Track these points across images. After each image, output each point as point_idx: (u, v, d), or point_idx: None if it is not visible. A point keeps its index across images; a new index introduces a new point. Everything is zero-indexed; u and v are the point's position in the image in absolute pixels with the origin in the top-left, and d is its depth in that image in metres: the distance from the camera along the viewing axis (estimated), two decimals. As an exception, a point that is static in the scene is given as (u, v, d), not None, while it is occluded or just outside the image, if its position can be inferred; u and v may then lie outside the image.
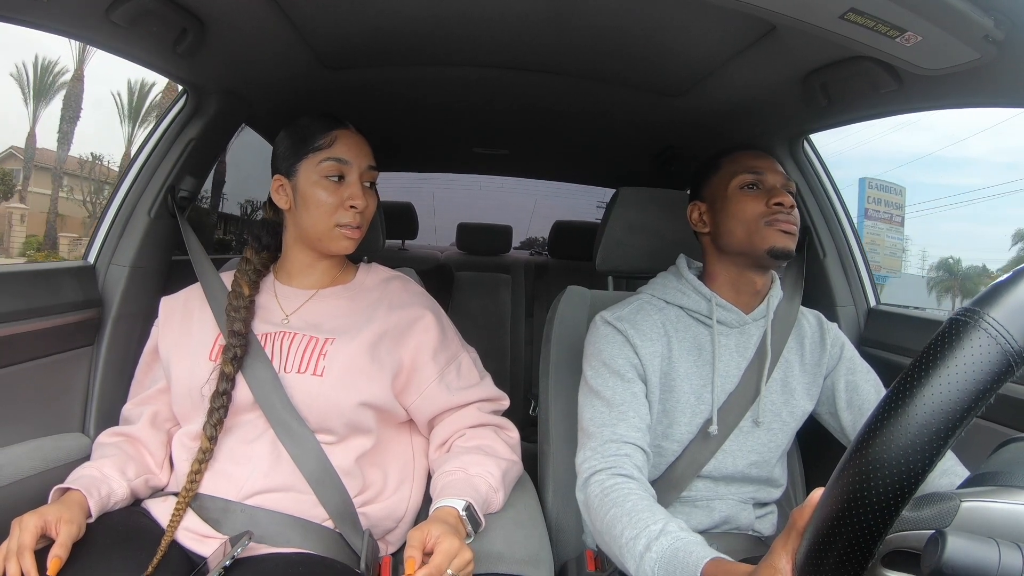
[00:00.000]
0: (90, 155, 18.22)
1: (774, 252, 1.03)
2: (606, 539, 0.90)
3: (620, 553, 0.86)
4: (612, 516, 0.89)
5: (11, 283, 1.12)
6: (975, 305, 0.42)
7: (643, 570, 0.81)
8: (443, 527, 0.85)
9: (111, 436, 1.06)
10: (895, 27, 0.82)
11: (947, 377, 0.41)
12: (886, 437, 0.42)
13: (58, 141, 18.91)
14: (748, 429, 1.08)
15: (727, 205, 1.08)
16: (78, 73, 19.08)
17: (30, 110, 19.31)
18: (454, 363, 1.10)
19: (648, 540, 0.81)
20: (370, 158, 1.09)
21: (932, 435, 0.41)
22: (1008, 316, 0.41)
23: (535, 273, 2.88)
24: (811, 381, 1.13)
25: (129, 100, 16.92)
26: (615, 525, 0.88)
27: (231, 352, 0.97)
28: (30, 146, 19.35)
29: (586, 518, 0.98)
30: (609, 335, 1.08)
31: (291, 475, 0.96)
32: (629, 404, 1.02)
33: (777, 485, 1.13)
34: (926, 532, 0.45)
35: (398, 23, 1.22)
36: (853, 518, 0.43)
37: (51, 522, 0.84)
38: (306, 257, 1.10)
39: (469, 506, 0.92)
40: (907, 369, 0.43)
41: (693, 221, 1.15)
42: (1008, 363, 0.41)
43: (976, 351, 0.41)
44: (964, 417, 0.40)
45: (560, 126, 1.95)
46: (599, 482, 0.95)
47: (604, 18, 1.14)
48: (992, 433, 1.09)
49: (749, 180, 1.07)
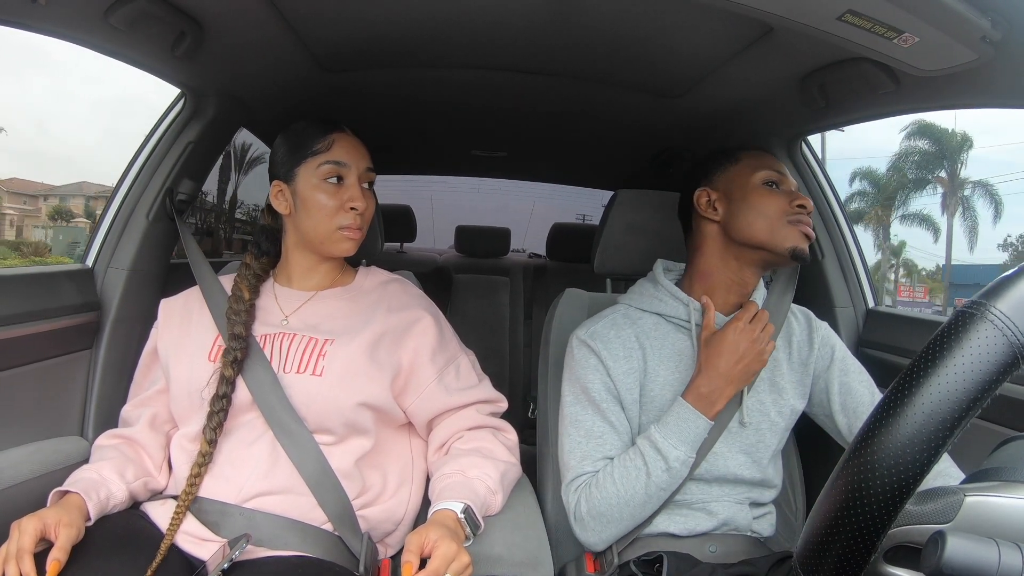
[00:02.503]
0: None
1: (795, 252, 1.03)
2: (623, 503, 1.00)
3: (646, 489, 0.99)
4: (609, 490, 1.00)
5: (9, 286, 1.12)
6: (982, 298, 0.43)
7: (672, 462, 0.98)
8: (441, 530, 0.85)
9: (110, 438, 1.06)
10: (892, 28, 0.83)
11: (954, 368, 0.41)
12: (892, 427, 0.42)
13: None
14: (735, 430, 1.07)
15: (748, 196, 1.06)
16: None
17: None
18: (452, 365, 1.10)
19: (652, 450, 0.99)
20: (367, 159, 1.09)
21: (937, 425, 0.41)
22: (1015, 309, 0.41)
23: (533, 275, 2.88)
24: (799, 380, 1.12)
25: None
26: (618, 484, 1.00)
27: (231, 355, 0.97)
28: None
29: (589, 525, 1.03)
30: (583, 358, 1.10)
31: (290, 477, 0.96)
32: (606, 435, 1.06)
33: (771, 486, 1.12)
34: (930, 527, 0.45)
35: (396, 26, 1.22)
36: (856, 511, 0.43)
37: (50, 525, 0.83)
38: (306, 261, 1.10)
39: (467, 508, 0.92)
40: (914, 360, 0.43)
41: (701, 207, 1.11)
42: (1015, 355, 0.41)
43: (983, 343, 0.41)
44: (970, 408, 0.41)
45: (558, 128, 1.95)
46: (585, 497, 1.03)
47: (601, 20, 1.14)
48: (992, 433, 1.09)
49: (774, 178, 1.07)
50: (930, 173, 24.49)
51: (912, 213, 24.81)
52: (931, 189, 24.54)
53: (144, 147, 1.40)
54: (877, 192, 25.23)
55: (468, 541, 0.91)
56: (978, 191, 23.85)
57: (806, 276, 1.29)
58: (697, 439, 1.00)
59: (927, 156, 24.36)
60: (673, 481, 1.00)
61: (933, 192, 24.63)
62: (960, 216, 24.21)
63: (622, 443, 1.06)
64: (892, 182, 25.02)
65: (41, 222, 23.24)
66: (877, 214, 25.72)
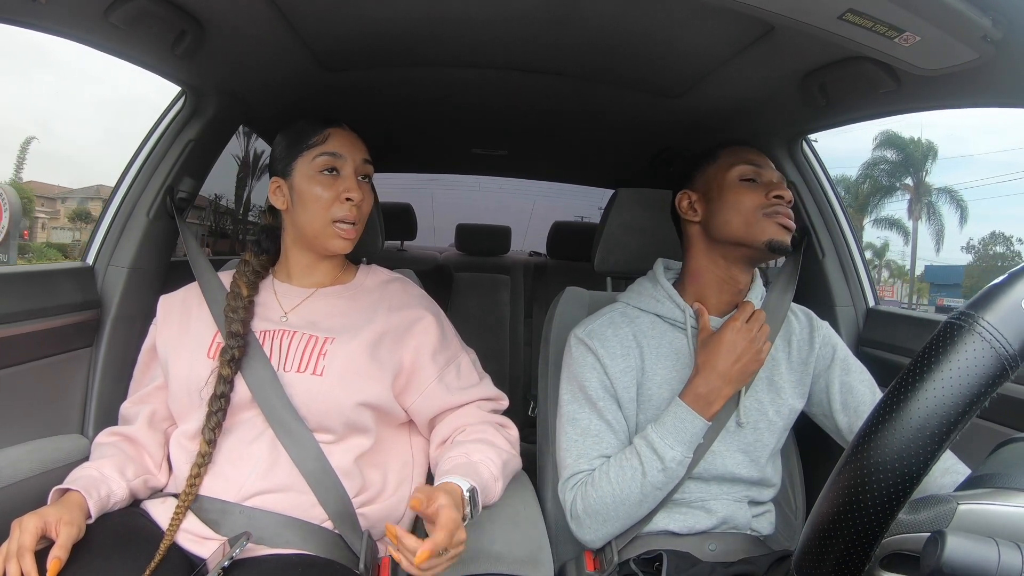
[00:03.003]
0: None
1: (772, 245, 1.02)
2: (618, 502, 1.00)
3: (641, 488, 0.99)
4: (604, 488, 1.01)
5: (10, 284, 1.12)
6: (970, 308, 0.43)
7: (668, 463, 0.98)
8: (448, 498, 0.82)
9: (109, 436, 1.06)
10: (893, 27, 0.83)
11: (942, 381, 0.41)
12: (882, 441, 0.42)
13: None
14: (733, 429, 1.07)
15: (724, 194, 1.07)
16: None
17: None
18: (454, 363, 1.10)
19: (648, 450, 0.99)
20: (364, 152, 1.09)
21: (927, 439, 0.41)
22: (1002, 319, 0.41)
23: (534, 274, 2.88)
24: (799, 379, 1.12)
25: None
26: (614, 483, 1.00)
27: (228, 354, 0.97)
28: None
29: (585, 523, 1.04)
30: (580, 356, 1.10)
31: (290, 475, 0.96)
32: (603, 433, 1.06)
33: (770, 485, 1.12)
34: (924, 535, 0.45)
35: (396, 24, 1.22)
36: (850, 521, 0.43)
37: (51, 523, 0.83)
38: (305, 258, 1.10)
39: (473, 489, 0.90)
40: (902, 373, 0.44)
41: (682, 210, 1.13)
42: (1003, 367, 0.41)
43: (971, 355, 0.41)
44: (959, 420, 0.41)
45: (559, 127, 1.95)
46: (581, 495, 1.04)
47: (602, 19, 1.14)
48: (992, 433, 1.09)
49: (749, 173, 1.07)
50: (898, 180, 25.06)
51: (883, 217, 25.40)
52: (900, 195, 25.08)
53: (144, 145, 1.40)
54: (852, 198, 25.59)
55: (465, 522, 0.90)
56: (943, 197, 24.34)
57: (806, 275, 1.29)
58: (694, 439, 1.00)
59: (894, 165, 24.94)
60: (669, 481, 1.00)
61: (901, 198, 25.20)
62: (925, 221, 24.75)
63: (619, 442, 1.06)
64: (864, 189, 25.36)
65: (60, 224, 23.41)
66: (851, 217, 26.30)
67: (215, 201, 3.28)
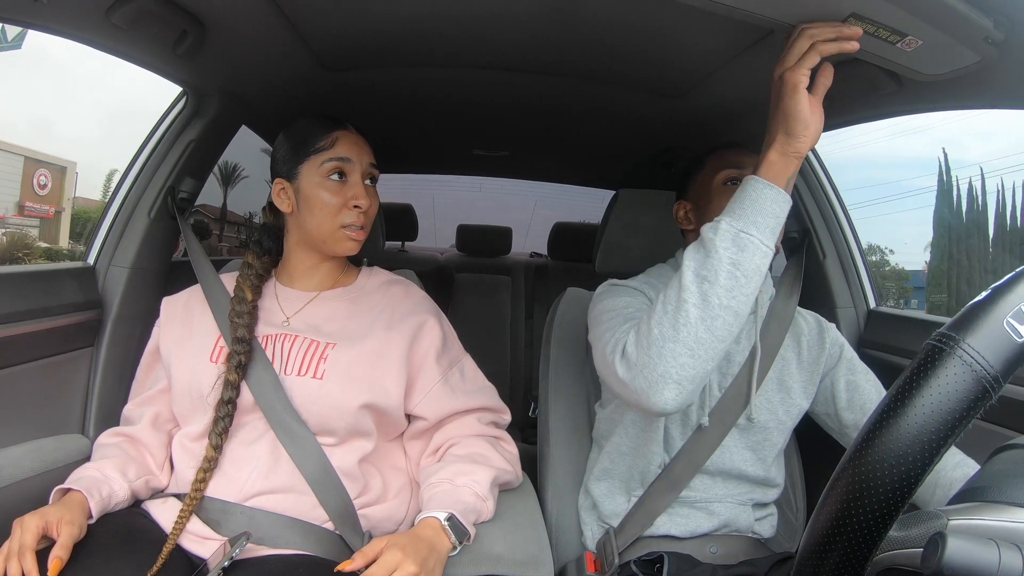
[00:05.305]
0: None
1: None
2: (676, 311, 0.81)
3: (686, 291, 0.81)
4: (656, 309, 0.84)
5: (11, 284, 1.12)
6: (951, 330, 0.43)
7: (718, 241, 0.81)
8: (402, 540, 0.84)
9: (112, 436, 1.06)
10: (896, 32, 0.82)
11: (922, 408, 0.42)
12: (866, 465, 0.43)
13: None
14: (744, 425, 1.07)
15: (712, 201, 1.07)
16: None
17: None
18: (457, 366, 1.10)
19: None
20: (371, 155, 1.09)
21: (910, 464, 0.42)
22: (983, 341, 0.42)
23: (535, 275, 2.88)
24: (808, 380, 1.13)
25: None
26: (668, 296, 0.83)
27: (235, 360, 0.97)
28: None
29: (639, 361, 0.83)
30: (619, 290, 1.06)
31: (291, 476, 0.96)
32: (644, 309, 0.98)
33: (774, 485, 1.12)
34: (916, 550, 0.45)
35: (398, 24, 1.22)
36: (839, 542, 0.44)
37: (52, 523, 0.84)
38: (308, 260, 1.10)
39: (451, 516, 0.91)
40: (884, 399, 0.44)
41: (679, 219, 1.15)
42: (984, 389, 0.41)
43: (951, 379, 0.41)
44: (942, 444, 0.41)
45: (560, 128, 1.95)
46: (632, 338, 0.87)
47: (603, 20, 1.14)
48: (992, 433, 1.09)
49: (733, 175, 1.06)
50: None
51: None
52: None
53: (146, 145, 1.41)
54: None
55: (455, 550, 0.90)
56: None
57: (807, 276, 1.29)
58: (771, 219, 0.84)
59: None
60: (739, 280, 0.80)
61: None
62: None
63: None
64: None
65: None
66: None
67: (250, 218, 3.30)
